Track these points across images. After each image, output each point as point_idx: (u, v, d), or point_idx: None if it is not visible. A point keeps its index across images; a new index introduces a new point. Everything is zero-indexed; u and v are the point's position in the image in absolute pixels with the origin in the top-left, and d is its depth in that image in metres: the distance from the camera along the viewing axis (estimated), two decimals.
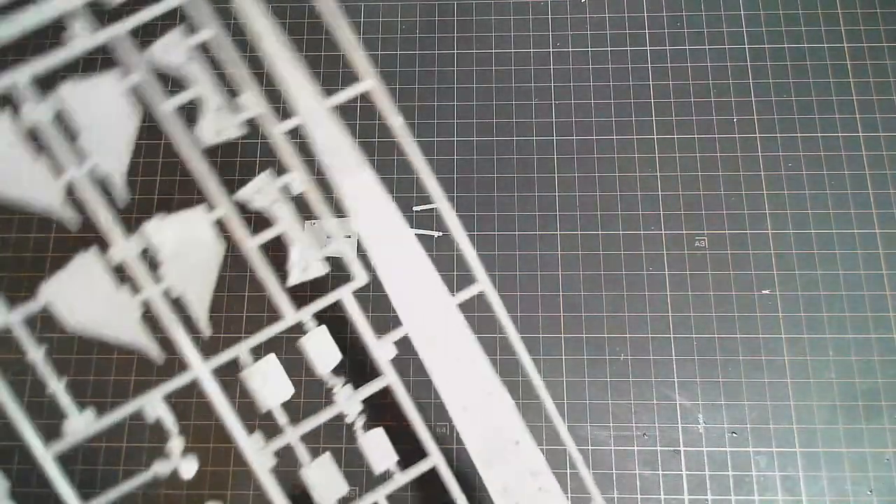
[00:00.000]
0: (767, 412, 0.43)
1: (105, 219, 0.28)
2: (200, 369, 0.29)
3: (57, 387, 0.28)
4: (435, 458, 0.30)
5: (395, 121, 0.30)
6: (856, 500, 0.42)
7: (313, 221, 0.47)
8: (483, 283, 0.31)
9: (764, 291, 0.46)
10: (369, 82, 0.30)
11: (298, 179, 0.30)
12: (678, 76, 0.50)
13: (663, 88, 0.50)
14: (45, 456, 0.28)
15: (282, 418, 0.29)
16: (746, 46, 0.51)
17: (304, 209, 0.30)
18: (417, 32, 0.51)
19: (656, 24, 0.51)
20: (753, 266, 0.46)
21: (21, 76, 0.28)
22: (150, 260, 0.29)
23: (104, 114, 0.29)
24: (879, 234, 0.46)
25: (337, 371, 0.30)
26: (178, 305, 0.29)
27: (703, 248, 0.47)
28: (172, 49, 0.29)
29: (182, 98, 0.29)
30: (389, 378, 0.30)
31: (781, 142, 0.48)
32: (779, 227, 0.47)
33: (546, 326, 0.45)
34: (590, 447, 0.42)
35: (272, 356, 0.30)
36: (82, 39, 0.29)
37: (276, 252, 0.30)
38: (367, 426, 0.30)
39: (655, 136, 0.49)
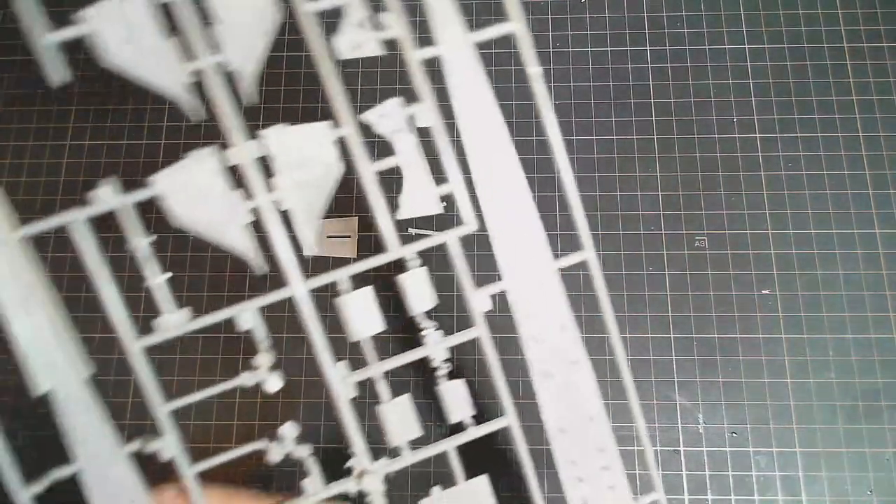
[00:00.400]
0: (767, 412, 0.43)
1: (228, 114, 0.27)
2: (298, 287, 0.28)
3: (159, 280, 0.27)
4: (510, 419, 0.30)
5: (534, 69, 0.29)
6: (856, 500, 0.42)
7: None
8: (588, 252, 0.30)
9: (764, 291, 0.46)
10: (515, 25, 0.29)
11: (427, 111, 0.29)
12: (678, 76, 0.50)
13: (663, 88, 0.50)
14: (134, 348, 0.27)
15: (370, 351, 0.29)
16: (746, 46, 0.51)
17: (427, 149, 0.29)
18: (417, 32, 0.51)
19: (656, 24, 0.51)
20: (753, 266, 0.46)
21: None
22: (266, 168, 0.27)
23: (245, 4, 0.27)
24: (879, 235, 0.46)
25: (429, 315, 0.29)
26: (284, 218, 0.28)
27: (703, 248, 0.47)
28: None
29: (325, 3, 0.28)
30: (480, 330, 0.29)
31: (781, 142, 0.48)
32: (779, 227, 0.47)
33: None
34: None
35: (369, 288, 0.29)
36: None
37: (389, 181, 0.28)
38: (450, 375, 0.29)
39: (655, 136, 0.49)
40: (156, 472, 0.28)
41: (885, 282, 0.45)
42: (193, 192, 0.27)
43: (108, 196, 0.27)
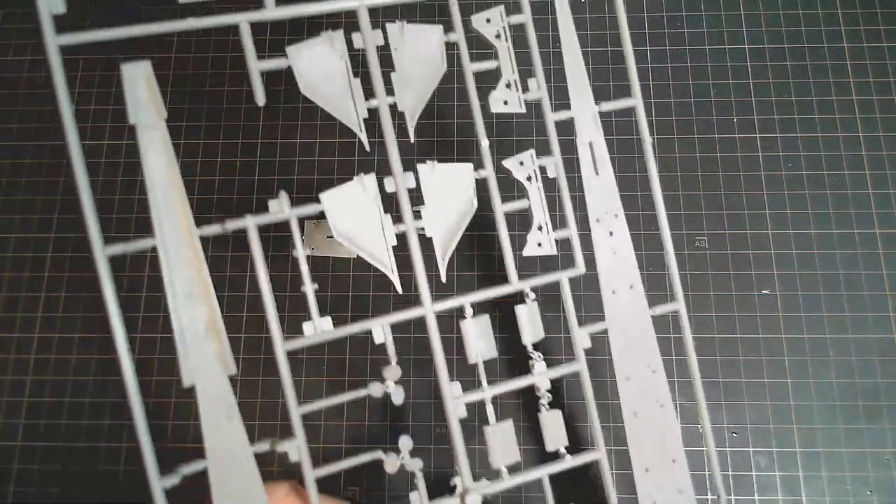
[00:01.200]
0: (767, 412, 0.43)
1: (392, 147, 0.31)
2: (429, 308, 0.31)
3: (309, 289, 0.30)
4: (600, 453, 0.32)
5: (647, 139, 0.35)
6: (856, 500, 0.42)
7: (315, 222, 0.47)
8: (679, 304, 0.34)
9: (764, 291, 0.46)
10: (634, 101, 0.35)
11: (555, 165, 0.33)
12: (678, 76, 0.50)
13: (663, 88, 0.50)
14: (280, 349, 0.29)
15: (483, 375, 0.32)
16: (746, 46, 0.51)
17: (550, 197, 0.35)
18: None
19: (656, 23, 0.51)
20: (753, 266, 0.46)
21: (364, 3, 0.31)
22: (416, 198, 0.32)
23: (420, 59, 0.32)
24: (879, 234, 0.46)
25: (536, 347, 0.33)
26: (426, 244, 0.32)
27: (703, 248, 0.47)
28: (490, 22, 0.33)
29: (485, 65, 0.33)
30: (581, 365, 0.33)
31: (781, 142, 0.48)
32: (779, 227, 0.47)
33: (547, 327, 0.45)
34: (589, 447, 0.42)
35: (486, 316, 0.32)
36: None
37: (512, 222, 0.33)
38: (550, 405, 0.32)
39: (656, 136, 0.49)
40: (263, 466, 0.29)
41: (885, 282, 0.45)
42: (351, 209, 0.31)
43: (284, 206, 0.30)
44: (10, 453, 0.44)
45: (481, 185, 0.33)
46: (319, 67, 0.31)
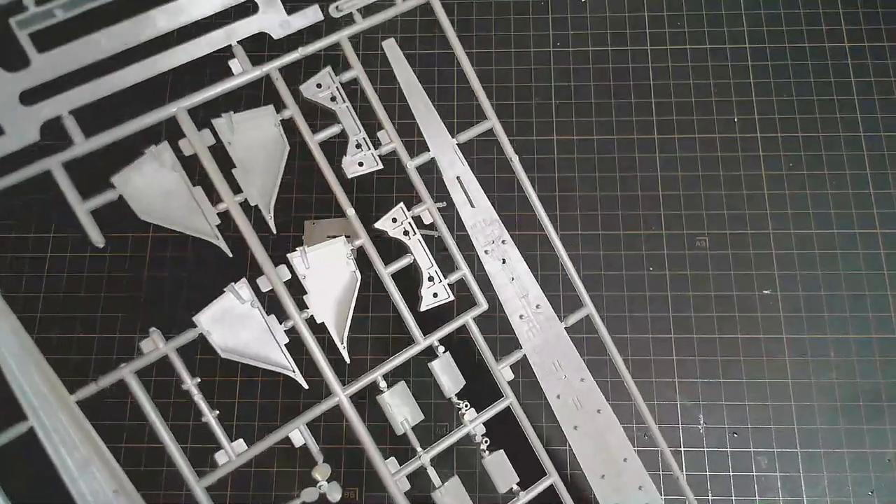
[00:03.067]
0: (769, 413, 0.43)
1: (256, 247, 0.30)
2: (341, 395, 0.30)
3: (210, 417, 0.29)
4: (553, 477, 0.32)
5: (514, 157, 0.33)
6: (857, 500, 0.42)
7: (314, 221, 0.47)
8: (589, 307, 0.33)
9: (765, 291, 0.46)
10: (490, 123, 0.33)
11: (429, 211, 0.32)
12: (679, 76, 0.50)
13: (664, 88, 0.50)
14: (197, 488, 0.28)
15: (414, 441, 0.31)
16: (748, 46, 0.50)
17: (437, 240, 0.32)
18: (417, 32, 0.51)
19: (657, 23, 0.51)
20: (755, 266, 0.46)
21: (181, 106, 0.29)
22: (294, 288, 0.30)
23: (259, 146, 0.30)
24: (881, 235, 0.46)
25: (461, 396, 0.32)
26: (318, 331, 0.30)
27: (703, 248, 0.46)
28: (322, 87, 0.31)
29: (326, 133, 0.31)
30: (510, 399, 0.32)
31: (783, 141, 0.48)
32: (780, 227, 0.47)
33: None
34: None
35: (402, 383, 0.32)
36: (241, 75, 0.30)
37: (404, 281, 0.31)
38: (490, 449, 0.32)
39: (656, 136, 0.49)
40: None
41: (886, 282, 0.45)
42: (232, 323, 0.29)
43: (158, 342, 0.28)
44: None
45: (362, 253, 0.32)
46: (153, 187, 0.29)
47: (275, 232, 0.30)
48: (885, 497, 0.42)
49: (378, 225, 0.32)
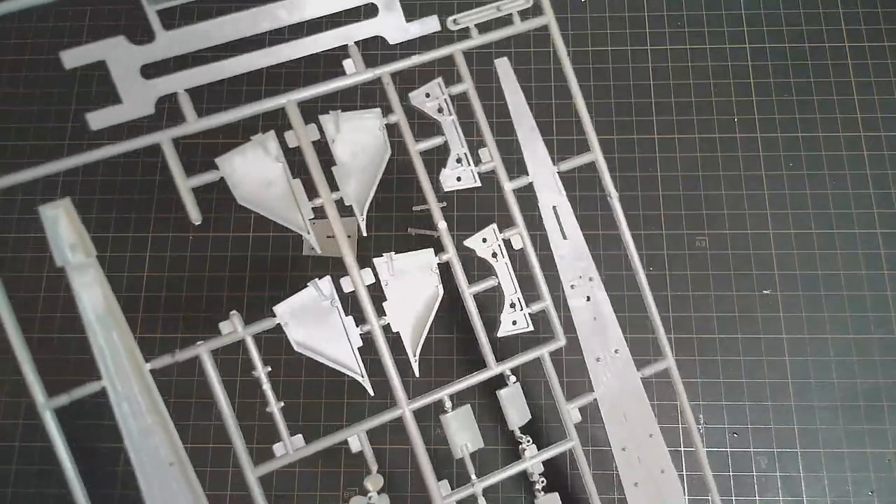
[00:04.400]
0: (768, 413, 0.43)
1: (346, 246, 0.29)
2: (405, 408, 0.30)
3: (275, 408, 0.29)
4: None
5: (614, 194, 0.33)
6: (857, 500, 0.42)
7: (316, 221, 0.47)
8: (669, 360, 0.33)
9: (765, 291, 0.46)
10: (593, 154, 0.33)
11: (520, 236, 0.32)
12: (679, 75, 0.50)
13: (664, 88, 0.50)
14: (251, 476, 0.28)
15: (470, 468, 0.30)
16: (748, 46, 0.50)
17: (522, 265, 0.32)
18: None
19: (657, 23, 0.51)
20: (754, 266, 0.46)
21: (291, 98, 0.29)
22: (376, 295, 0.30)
23: (361, 147, 0.30)
24: (881, 234, 0.46)
25: (523, 430, 0.31)
26: (394, 339, 0.30)
27: (703, 248, 0.46)
28: (430, 96, 0.31)
29: (430, 143, 0.31)
30: (573, 442, 0.31)
31: (782, 141, 0.48)
32: (780, 226, 0.47)
33: (546, 328, 0.45)
34: (590, 447, 0.42)
35: (468, 406, 0.31)
36: (353, 76, 0.30)
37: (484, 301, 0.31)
38: (545, 489, 0.31)
39: (656, 136, 0.49)
40: None
41: (886, 282, 0.45)
42: (311, 317, 0.30)
43: (237, 326, 0.28)
44: (10, 453, 0.44)
45: (445, 268, 0.31)
46: (254, 174, 0.29)
47: (365, 234, 0.30)
48: (885, 497, 0.42)
49: (468, 243, 0.31)
